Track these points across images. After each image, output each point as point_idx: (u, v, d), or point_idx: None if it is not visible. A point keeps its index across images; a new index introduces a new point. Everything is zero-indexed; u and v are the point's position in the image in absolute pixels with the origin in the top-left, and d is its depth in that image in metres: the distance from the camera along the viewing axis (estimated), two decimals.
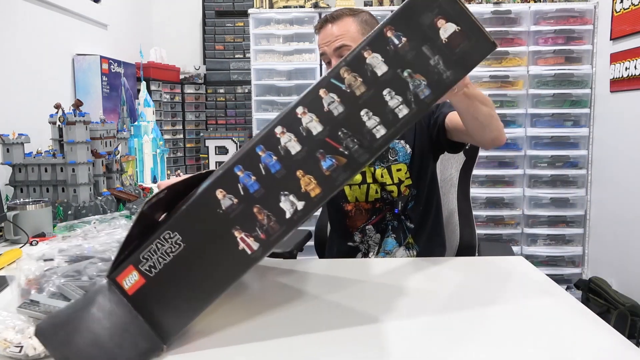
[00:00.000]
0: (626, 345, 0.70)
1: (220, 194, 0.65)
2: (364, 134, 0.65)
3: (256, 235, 0.65)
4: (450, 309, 0.84)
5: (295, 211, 0.65)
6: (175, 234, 0.65)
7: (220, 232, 0.65)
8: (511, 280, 0.99)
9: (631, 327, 2.29)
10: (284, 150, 0.65)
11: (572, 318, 0.79)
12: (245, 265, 0.66)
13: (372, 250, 1.36)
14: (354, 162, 0.65)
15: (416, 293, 0.91)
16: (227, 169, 0.65)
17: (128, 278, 0.66)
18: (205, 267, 0.66)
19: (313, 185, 0.65)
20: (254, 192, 0.65)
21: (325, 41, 1.36)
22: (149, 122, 2.47)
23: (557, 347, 0.70)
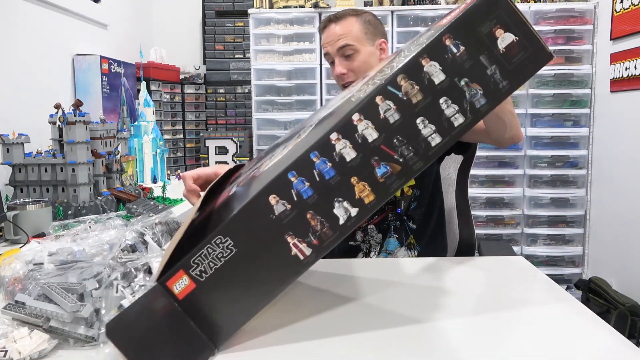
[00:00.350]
0: (626, 345, 0.70)
1: (273, 200, 0.65)
2: (419, 141, 0.65)
3: (309, 241, 0.65)
4: (450, 308, 0.84)
5: (348, 217, 0.65)
6: (227, 239, 0.65)
7: (272, 238, 0.65)
8: (511, 280, 0.99)
9: (631, 327, 2.30)
10: (338, 157, 0.65)
11: (572, 318, 0.79)
12: (297, 271, 0.66)
13: (373, 250, 1.36)
14: (408, 169, 0.65)
15: (416, 293, 0.91)
16: (280, 175, 0.65)
17: (178, 283, 0.66)
18: (256, 273, 0.66)
19: (367, 192, 0.65)
20: (308, 198, 0.65)
21: (328, 40, 1.38)
22: (149, 122, 2.47)
23: (557, 347, 0.70)
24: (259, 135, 3.08)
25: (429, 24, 3.02)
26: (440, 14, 2.99)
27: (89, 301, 0.70)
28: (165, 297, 0.66)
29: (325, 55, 1.43)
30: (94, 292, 0.71)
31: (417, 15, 3.00)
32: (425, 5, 3.03)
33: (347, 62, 1.38)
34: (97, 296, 0.71)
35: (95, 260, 0.79)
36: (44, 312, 0.69)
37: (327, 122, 0.69)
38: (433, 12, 2.98)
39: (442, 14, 2.97)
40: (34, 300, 0.70)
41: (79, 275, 0.74)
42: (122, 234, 0.87)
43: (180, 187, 1.06)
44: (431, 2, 3.05)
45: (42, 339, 0.67)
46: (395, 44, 2.97)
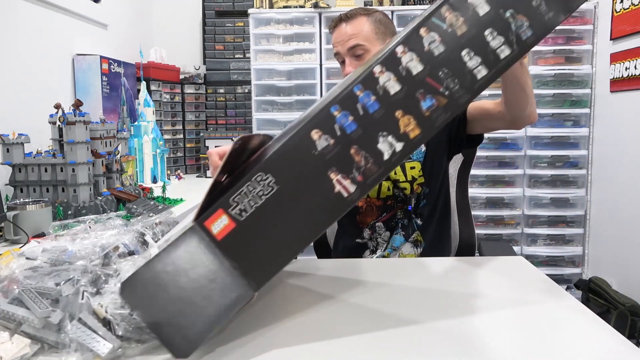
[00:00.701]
0: (626, 345, 0.70)
1: (315, 135, 0.63)
2: (465, 74, 0.63)
3: (353, 177, 0.63)
4: (450, 308, 0.84)
5: (393, 152, 0.63)
6: (267, 175, 0.63)
7: (315, 174, 0.63)
8: (511, 280, 0.99)
9: (631, 327, 2.30)
10: (382, 90, 0.63)
11: (572, 318, 0.79)
12: (340, 209, 0.64)
13: (380, 248, 1.37)
14: (454, 102, 0.63)
15: (416, 293, 0.91)
16: (323, 109, 0.63)
17: (217, 222, 0.63)
18: (298, 211, 0.63)
19: (412, 126, 0.63)
20: (351, 133, 0.63)
21: (339, 40, 1.37)
22: (149, 122, 2.47)
23: (557, 347, 0.70)
24: None
25: None
26: None
27: (64, 307, 0.69)
28: (202, 239, 0.63)
29: (336, 55, 1.42)
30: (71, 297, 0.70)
31: (417, 15, 2.99)
32: (425, 5, 3.03)
33: (358, 62, 1.36)
34: (71, 302, 0.70)
35: (78, 263, 0.78)
36: (16, 317, 0.68)
37: (369, 61, 0.67)
38: None
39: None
40: (7, 304, 0.69)
41: (56, 279, 0.73)
42: (119, 237, 0.87)
43: (180, 187, 1.06)
44: (431, 2, 3.05)
45: (23, 344, 0.67)
46: None
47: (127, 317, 0.68)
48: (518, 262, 1.09)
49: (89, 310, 0.69)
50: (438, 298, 0.89)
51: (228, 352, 0.69)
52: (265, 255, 0.64)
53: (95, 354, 0.65)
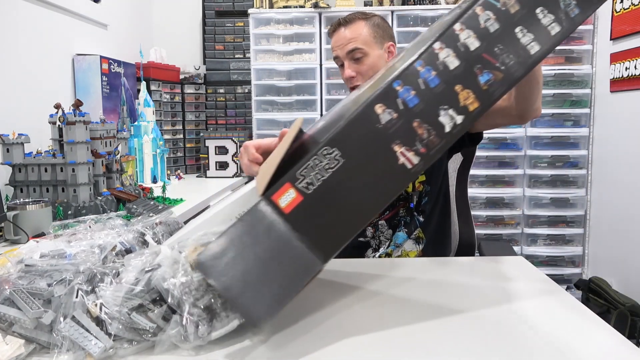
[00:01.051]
0: (626, 345, 0.70)
1: (379, 109, 0.65)
2: (519, 50, 0.67)
3: (416, 149, 0.65)
4: (450, 308, 0.84)
5: (454, 125, 0.66)
6: (334, 149, 0.65)
7: (380, 147, 0.65)
8: (511, 280, 0.99)
9: (631, 327, 2.30)
10: (442, 65, 0.66)
11: (572, 318, 0.79)
12: (404, 180, 0.66)
13: (383, 246, 1.37)
14: (510, 76, 0.67)
15: (416, 293, 0.91)
16: (386, 85, 0.66)
17: (284, 196, 0.65)
18: (364, 183, 0.65)
19: (471, 100, 0.66)
20: (414, 107, 0.65)
21: (338, 44, 1.41)
22: (149, 122, 2.47)
23: (558, 347, 0.70)
24: (259, 135, 3.08)
25: (429, 24, 3.02)
26: (441, 14, 2.99)
27: (56, 307, 0.69)
28: (270, 213, 0.65)
29: (335, 59, 1.45)
30: (64, 297, 0.70)
31: (417, 15, 3.00)
32: (425, 5, 3.03)
33: (357, 65, 1.40)
34: (64, 301, 0.69)
35: (68, 261, 0.77)
36: (8, 317, 0.68)
37: (428, 38, 0.71)
38: (433, 12, 2.98)
39: (443, 14, 2.97)
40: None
41: (49, 279, 0.72)
42: (116, 237, 0.87)
43: (180, 187, 1.06)
44: (431, 2, 3.05)
45: (18, 344, 0.66)
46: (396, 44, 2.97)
47: (120, 317, 0.68)
48: (518, 262, 1.09)
49: (82, 309, 0.69)
50: (438, 298, 0.89)
51: (231, 354, 0.69)
52: (332, 228, 0.66)
53: (86, 353, 0.65)
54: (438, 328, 0.77)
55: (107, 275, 0.74)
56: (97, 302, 0.69)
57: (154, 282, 0.70)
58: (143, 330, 0.68)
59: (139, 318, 0.68)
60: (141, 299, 0.69)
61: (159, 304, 0.70)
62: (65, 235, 0.89)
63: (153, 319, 0.69)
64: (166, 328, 0.68)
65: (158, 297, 0.70)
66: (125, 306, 0.68)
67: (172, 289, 0.68)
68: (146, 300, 0.69)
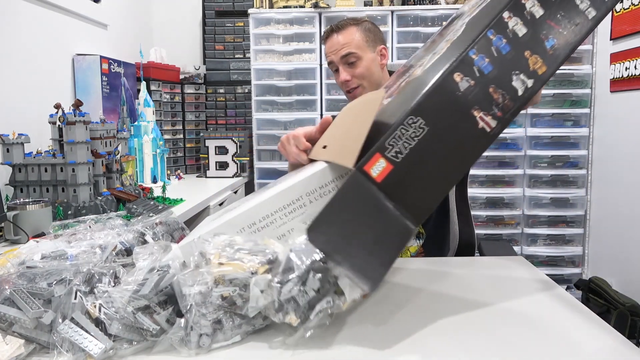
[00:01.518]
0: (626, 345, 0.70)
1: (458, 77, 0.69)
2: (579, 14, 0.73)
3: (493, 113, 0.70)
4: (450, 308, 0.84)
5: (526, 88, 0.71)
6: (418, 118, 0.68)
7: (460, 113, 0.69)
8: (511, 280, 0.99)
9: (631, 327, 2.30)
10: (512, 33, 0.71)
11: (572, 318, 0.79)
12: (485, 143, 0.71)
13: None
14: (571, 40, 0.73)
15: (415, 292, 0.91)
16: (462, 54, 0.70)
17: (375, 166, 0.68)
18: (449, 148, 0.69)
19: (540, 64, 0.72)
20: (489, 73, 0.70)
21: (332, 50, 1.48)
22: (149, 122, 2.47)
23: (557, 347, 0.70)
24: (259, 135, 3.08)
25: (429, 24, 3.02)
26: (441, 14, 2.99)
27: (56, 307, 0.69)
28: (363, 182, 0.68)
29: (329, 64, 1.51)
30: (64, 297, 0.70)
31: (417, 15, 3.00)
32: (425, 5, 3.03)
33: (351, 69, 1.47)
34: (63, 302, 0.69)
35: (70, 263, 0.77)
36: (8, 317, 0.68)
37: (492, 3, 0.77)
38: (433, 12, 2.98)
39: (443, 14, 2.97)
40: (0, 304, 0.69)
41: (49, 279, 0.72)
42: (116, 237, 0.87)
43: (180, 187, 1.07)
44: (431, 2, 3.05)
45: (18, 344, 0.66)
46: (395, 44, 2.97)
47: (120, 317, 0.68)
48: (518, 262, 1.09)
49: (81, 310, 0.69)
50: (438, 297, 0.89)
51: (233, 355, 0.69)
52: (422, 192, 0.70)
53: (87, 354, 0.65)
54: (437, 328, 0.77)
55: (105, 276, 0.74)
56: (96, 302, 0.69)
57: (169, 284, 0.70)
58: (145, 331, 0.68)
59: (144, 319, 0.68)
60: (148, 301, 0.69)
61: (165, 307, 0.70)
62: (65, 235, 0.89)
63: (158, 321, 0.69)
64: (169, 330, 0.68)
65: (164, 300, 0.70)
66: (131, 306, 0.68)
67: (189, 295, 0.68)
68: (153, 302, 0.69)
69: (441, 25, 2.98)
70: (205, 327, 0.68)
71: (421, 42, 3.01)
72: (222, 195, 2.44)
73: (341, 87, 1.54)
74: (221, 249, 0.73)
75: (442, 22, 3.00)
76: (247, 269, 0.70)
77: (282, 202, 0.80)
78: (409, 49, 3.01)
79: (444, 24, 1.09)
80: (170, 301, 0.71)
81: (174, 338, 0.68)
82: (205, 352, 0.69)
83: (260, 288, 0.68)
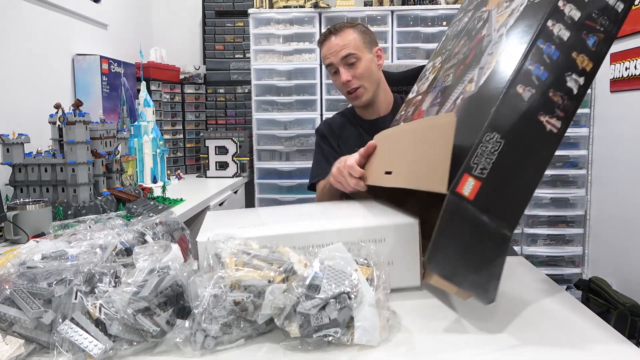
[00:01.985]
0: (626, 345, 0.70)
1: (520, 89, 0.75)
2: (610, 10, 0.79)
3: (557, 114, 0.75)
4: (450, 308, 0.84)
5: (579, 87, 0.76)
6: (494, 133, 0.73)
7: (529, 120, 0.74)
8: (511, 280, 0.99)
9: (631, 327, 2.29)
10: (558, 39, 0.77)
11: (572, 318, 0.79)
12: (555, 143, 0.76)
13: None
14: (609, 35, 0.79)
15: (415, 292, 0.91)
16: (519, 66, 0.76)
17: (466, 186, 0.73)
18: (526, 155, 0.75)
19: (586, 62, 0.77)
20: (546, 79, 0.76)
21: (331, 52, 1.50)
22: (149, 122, 2.47)
23: (557, 347, 0.70)
24: (259, 135, 3.08)
25: (429, 24, 3.02)
26: (441, 14, 2.99)
27: (56, 307, 0.69)
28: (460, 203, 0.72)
29: (328, 67, 1.54)
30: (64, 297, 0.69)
31: (417, 15, 3.00)
32: (425, 5, 3.03)
33: (352, 70, 1.50)
34: (63, 302, 0.69)
35: (70, 263, 0.77)
36: (8, 317, 0.67)
37: (531, 16, 0.82)
38: (433, 12, 2.98)
39: (442, 14, 2.97)
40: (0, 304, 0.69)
41: (50, 279, 0.72)
42: (116, 237, 0.86)
43: (180, 187, 1.07)
44: (431, 2, 3.05)
45: (18, 344, 0.66)
46: (395, 44, 2.97)
47: (121, 318, 0.68)
48: (518, 262, 1.09)
49: (82, 310, 0.68)
50: (437, 297, 0.89)
51: (234, 355, 0.69)
52: (511, 200, 0.75)
53: (87, 354, 0.65)
54: (437, 327, 0.77)
55: (106, 276, 0.74)
56: (97, 303, 0.69)
57: (169, 285, 0.70)
58: (145, 332, 0.68)
59: (144, 321, 0.68)
60: (148, 302, 0.69)
61: (165, 308, 0.70)
62: (65, 235, 0.88)
63: (158, 322, 0.69)
64: (175, 330, 0.68)
65: (164, 301, 0.70)
66: (131, 307, 0.68)
67: (203, 297, 0.68)
68: (153, 304, 0.69)
69: (441, 25, 2.98)
70: (214, 330, 0.68)
71: (421, 42, 3.01)
72: (222, 196, 2.44)
73: (341, 88, 1.54)
74: (236, 253, 0.74)
75: (442, 22, 3.00)
76: (264, 277, 0.70)
77: (344, 238, 0.85)
78: (408, 49, 3.01)
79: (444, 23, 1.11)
80: (170, 303, 0.71)
81: (178, 338, 0.68)
82: (210, 354, 0.69)
83: (275, 297, 0.68)
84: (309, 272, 0.71)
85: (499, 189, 0.74)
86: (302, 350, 0.69)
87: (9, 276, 0.73)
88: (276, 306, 0.69)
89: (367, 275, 0.75)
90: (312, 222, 0.93)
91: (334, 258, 0.74)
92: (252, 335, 0.72)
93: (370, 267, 0.77)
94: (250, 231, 0.86)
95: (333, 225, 0.90)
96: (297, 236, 0.87)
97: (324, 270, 0.72)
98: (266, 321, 0.72)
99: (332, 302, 0.68)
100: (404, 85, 1.72)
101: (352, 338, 0.69)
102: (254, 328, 0.72)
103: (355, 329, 0.69)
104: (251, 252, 0.74)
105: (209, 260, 0.74)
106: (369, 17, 2.99)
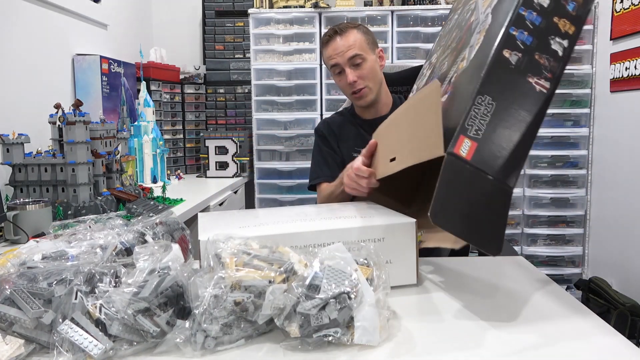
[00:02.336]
0: (626, 345, 0.70)
1: (507, 53, 0.79)
2: None
3: (545, 76, 0.79)
4: (450, 308, 0.84)
5: (564, 49, 0.81)
6: (485, 96, 0.76)
7: (518, 82, 0.78)
8: (511, 280, 0.99)
9: (631, 327, 2.29)
10: (539, 5, 0.81)
11: (572, 318, 0.79)
12: (545, 103, 0.79)
13: None
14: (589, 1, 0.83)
15: (415, 292, 0.91)
16: (504, 32, 0.79)
17: (462, 147, 0.75)
18: (517, 114, 0.77)
19: (568, 25, 0.82)
20: (530, 43, 0.79)
21: (337, 52, 1.50)
22: (149, 122, 2.47)
23: (557, 347, 0.70)
24: (259, 135, 3.08)
25: (429, 24, 3.02)
26: (440, 14, 2.99)
27: (56, 307, 0.69)
28: (456, 164, 0.75)
29: (333, 67, 1.53)
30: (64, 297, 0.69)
31: (417, 15, 3.00)
32: (425, 5, 3.03)
33: (358, 70, 1.51)
34: (63, 302, 0.69)
35: (71, 263, 0.77)
36: (8, 317, 0.67)
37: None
38: (433, 12, 2.98)
39: (442, 14, 2.97)
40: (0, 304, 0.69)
41: (50, 279, 0.72)
42: (116, 237, 0.86)
43: (180, 187, 1.07)
44: (431, 2, 3.05)
45: (18, 344, 0.66)
46: (395, 44, 2.97)
47: (121, 318, 0.68)
48: (518, 262, 1.09)
49: (82, 310, 0.68)
50: (437, 297, 0.89)
51: (234, 355, 0.69)
52: (507, 157, 0.77)
53: (87, 354, 0.65)
54: (437, 327, 0.77)
55: (106, 276, 0.74)
56: (97, 303, 0.69)
57: (169, 285, 0.70)
58: (146, 333, 0.68)
59: (144, 321, 0.68)
60: (148, 303, 0.69)
61: (165, 309, 0.70)
62: (65, 235, 0.88)
63: (158, 323, 0.69)
64: (175, 330, 0.68)
65: (164, 302, 0.70)
66: (132, 308, 0.68)
67: (203, 297, 0.68)
68: (153, 305, 0.69)
69: (441, 25, 2.98)
70: (214, 330, 0.68)
71: (421, 42, 3.01)
72: (222, 195, 2.44)
73: (345, 88, 1.54)
74: (236, 254, 0.74)
75: (442, 22, 3.00)
76: (265, 277, 0.70)
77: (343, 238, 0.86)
78: (408, 48, 3.00)
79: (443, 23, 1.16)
80: (170, 303, 0.71)
81: (179, 338, 0.68)
82: (210, 354, 0.69)
83: (276, 297, 0.68)
84: (309, 272, 0.71)
85: (496, 148, 0.76)
86: (302, 350, 0.69)
87: (9, 276, 0.73)
88: (276, 306, 0.69)
89: (367, 275, 0.75)
90: (312, 222, 0.93)
91: (334, 258, 0.74)
92: (253, 335, 0.72)
93: (370, 267, 0.77)
94: (250, 231, 0.87)
95: (332, 225, 0.90)
96: (297, 236, 0.87)
97: (324, 270, 0.72)
98: (266, 321, 0.72)
99: (332, 302, 0.68)
100: (398, 86, 1.72)
101: (352, 338, 0.69)
102: (254, 328, 0.72)
103: (355, 329, 0.69)
104: (251, 252, 0.74)
105: (209, 260, 0.74)
106: (369, 17, 2.99)
